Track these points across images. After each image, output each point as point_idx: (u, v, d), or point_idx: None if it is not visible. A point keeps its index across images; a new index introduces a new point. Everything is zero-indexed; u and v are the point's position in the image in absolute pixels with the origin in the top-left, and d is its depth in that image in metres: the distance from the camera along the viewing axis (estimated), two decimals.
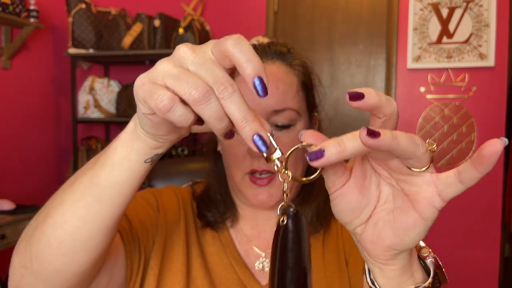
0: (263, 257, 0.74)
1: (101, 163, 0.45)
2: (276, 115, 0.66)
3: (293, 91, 0.68)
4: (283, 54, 0.71)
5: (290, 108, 0.67)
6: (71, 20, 2.62)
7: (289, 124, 0.67)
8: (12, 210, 2.17)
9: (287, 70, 0.70)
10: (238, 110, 0.37)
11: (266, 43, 0.73)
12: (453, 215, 2.47)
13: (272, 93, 0.65)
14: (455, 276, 2.47)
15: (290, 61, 0.71)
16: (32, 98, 2.78)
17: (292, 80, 0.69)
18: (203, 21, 2.72)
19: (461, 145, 2.43)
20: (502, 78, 2.36)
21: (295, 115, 0.68)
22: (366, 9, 2.58)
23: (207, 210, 0.76)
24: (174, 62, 0.38)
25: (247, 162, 0.67)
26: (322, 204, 0.75)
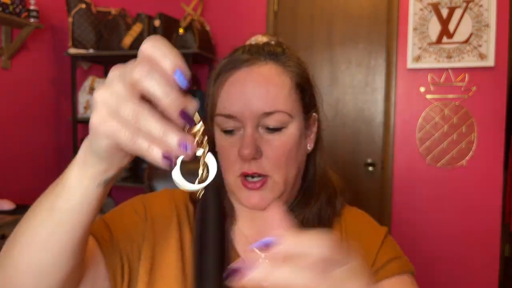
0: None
1: (58, 190, 0.47)
2: (267, 117, 0.65)
3: (285, 93, 0.67)
4: (277, 55, 0.70)
5: (281, 110, 0.65)
6: (71, 20, 2.63)
7: (281, 126, 0.66)
8: (12, 210, 2.17)
9: (279, 71, 0.68)
10: (159, 88, 0.38)
11: (261, 43, 0.72)
12: (453, 216, 2.47)
13: (262, 95, 0.65)
14: (455, 276, 2.47)
15: (284, 62, 0.69)
16: (32, 98, 2.78)
17: (285, 81, 0.67)
18: (203, 21, 2.72)
19: (461, 145, 2.43)
20: (502, 78, 2.36)
21: (287, 118, 0.66)
22: (366, 9, 2.58)
23: None
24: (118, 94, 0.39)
25: (238, 164, 0.67)
26: (324, 206, 0.74)
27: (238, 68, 0.67)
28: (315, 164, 0.75)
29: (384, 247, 0.74)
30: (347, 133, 2.63)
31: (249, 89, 0.65)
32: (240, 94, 0.65)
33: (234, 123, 0.66)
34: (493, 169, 2.40)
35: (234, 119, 0.66)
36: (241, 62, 0.67)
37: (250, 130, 0.65)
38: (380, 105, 2.59)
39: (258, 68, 0.67)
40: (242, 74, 0.66)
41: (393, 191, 2.55)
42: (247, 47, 0.71)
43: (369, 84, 2.60)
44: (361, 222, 0.78)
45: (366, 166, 2.61)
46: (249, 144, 0.64)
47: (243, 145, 0.64)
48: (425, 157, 2.49)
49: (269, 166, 0.66)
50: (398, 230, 2.56)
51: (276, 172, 0.66)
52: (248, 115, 0.65)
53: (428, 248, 2.51)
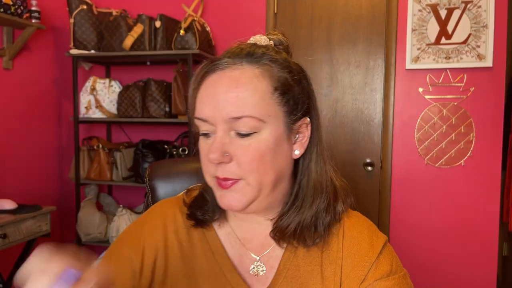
0: (258, 261, 0.74)
1: None
2: (236, 122, 0.64)
3: (257, 97, 0.65)
4: (256, 57, 0.68)
5: (249, 115, 0.64)
6: (73, 21, 2.64)
7: (251, 131, 0.65)
8: (13, 209, 2.18)
9: (255, 74, 0.66)
10: None
11: (243, 45, 0.70)
12: (452, 215, 2.48)
13: (231, 100, 0.64)
14: (454, 275, 2.49)
15: (263, 64, 0.67)
16: (34, 99, 2.79)
17: (258, 85, 0.65)
18: (204, 22, 2.73)
19: (459, 145, 2.44)
20: (500, 78, 2.37)
21: (256, 123, 0.65)
22: (365, 10, 2.60)
23: (198, 208, 0.76)
24: None
25: (212, 167, 0.67)
26: (321, 212, 0.73)
27: (213, 71, 0.67)
28: (308, 170, 0.73)
29: (378, 262, 0.72)
30: (346, 133, 2.64)
31: (219, 93, 0.65)
32: (211, 98, 0.66)
33: (209, 126, 0.67)
34: (491, 168, 2.42)
35: (208, 123, 0.66)
36: (217, 66, 0.67)
37: (220, 134, 0.66)
38: (379, 106, 2.60)
39: (231, 71, 0.66)
40: (215, 78, 0.66)
41: (392, 191, 2.57)
42: (232, 49, 0.70)
43: (368, 84, 2.62)
44: (359, 232, 0.76)
45: (365, 166, 2.62)
46: (216, 149, 0.65)
47: (210, 150, 0.65)
48: (424, 157, 2.50)
49: (239, 170, 0.66)
50: (396, 230, 2.57)
51: (248, 176, 0.66)
52: (218, 120, 0.65)
53: (427, 248, 2.53)
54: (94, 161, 2.79)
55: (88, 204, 2.79)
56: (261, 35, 0.74)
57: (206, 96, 0.67)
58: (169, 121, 2.63)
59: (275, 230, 0.73)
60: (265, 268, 0.74)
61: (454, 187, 2.47)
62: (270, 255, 0.75)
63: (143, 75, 2.93)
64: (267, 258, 0.75)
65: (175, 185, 1.02)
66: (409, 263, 2.53)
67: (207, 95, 0.66)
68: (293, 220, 0.72)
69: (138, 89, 2.69)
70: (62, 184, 3.04)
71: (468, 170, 2.44)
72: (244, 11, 2.76)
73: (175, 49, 2.57)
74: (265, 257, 0.75)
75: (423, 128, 2.50)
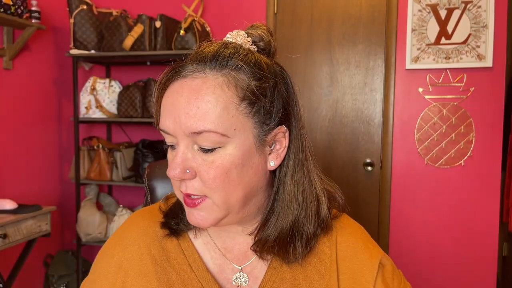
0: (240, 272, 0.71)
1: None
2: (197, 136, 0.59)
3: (219, 109, 0.58)
4: (222, 59, 0.61)
5: (210, 130, 0.58)
6: (73, 21, 2.64)
7: (214, 147, 0.59)
8: (14, 209, 2.18)
9: (218, 82, 0.59)
10: None
11: (205, 47, 0.64)
12: (452, 215, 2.48)
13: (190, 112, 0.58)
14: (454, 275, 2.49)
15: (229, 71, 0.60)
16: (34, 99, 2.79)
17: (221, 95, 0.59)
18: (204, 22, 2.73)
19: (459, 145, 2.44)
20: (500, 78, 2.37)
21: (219, 138, 0.59)
22: (365, 10, 2.60)
23: (172, 217, 0.72)
24: None
25: (177, 182, 0.64)
26: (301, 224, 0.68)
27: (175, 79, 0.62)
28: (283, 182, 0.68)
29: (381, 274, 0.70)
30: (346, 133, 2.64)
31: (179, 104, 0.59)
32: (172, 110, 0.60)
33: (172, 138, 0.62)
34: (491, 168, 2.41)
35: (170, 135, 0.62)
36: (179, 73, 0.61)
37: (182, 148, 0.61)
38: (379, 106, 2.60)
39: (192, 80, 0.60)
40: (176, 87, 0.61)
41: (392, 191, 2.57)
42: (197, 51, 0.64)
43: (368, 84, 2.62)
44: (354, 242, 0.73)
45: (365, 166, 2.62)
46: (176, 165, 0.60)
47: (170, 166, 0.61)
48: (423, 157, 2.50)
49: (203, 188, 0.61)
50: (396, 229, 2.57)
51: (213, 194, 0.61)
52: (179, 133, 0.60)
53: (427, 248, 2.53)
54: (94, 161, 2.79)
55: (88, 204, 2.80)
56: (239, 31, 0.67)
57: (167, 107, 0.61)
58: None
59: (255, 244, 0.69)
60: (248, 279, 0.70)
61: (454, 187, 2.47)
62: (254, 265, 0.71)
63: (143, 75, 2.93)
64: (250, 268, 0.71)
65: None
66: (408, 262, 2.53)
67: (168, 106, 0.61)
68: (270, 235, 0.67)
69: (138, 89, 2.69)
70: (62, 184, 3.05)
71: (468, 170, 2.44)
72: (244, 11, 2.76)
73: (175, 49, 2.57)
74: (248, 267, 0.71)
75: (423, 128, 2.50)
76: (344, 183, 2.62)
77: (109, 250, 0.74)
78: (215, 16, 2.82)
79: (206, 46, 0.64)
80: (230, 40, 0.66)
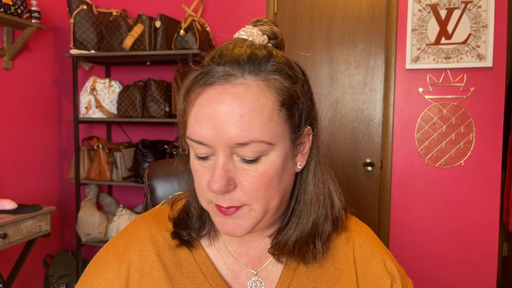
0: (255, 276, 0.69)
1: None
2: (241, 147, 0.55)
3: (265, 117, 0.55)
4: (259, 64, 0.57)
5: (257, 140, 0.55)
6: (73, 21, 2.64)
7: (258, 156, 0.56)
8: (13, 209, 2.18)
9: (260, 88, 0.56)
10: None
11: (242, 50, 0.58)
12: (452, 215, 2.48)
13: (236, 122, 0.54)
14: (454, 275, 2.49)
15: (268, 74, 0.57)
16: (34, 99, 2.79)
17: (265, 102, 0.55)
18: (204, 22, 2.73)
19: (459, 145, 2.44)
20: (500, 78, 2.37)
21: (265, 147, 0.56)
22: (365, 10, 2.59)
23: (183, 227, 0.69)
24: None
25: (211, 194, 0.59)
26: (321, 224, 0.68)
27: (209, 85, 0.56)
28: (305, 183, 0.67)
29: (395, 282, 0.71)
30: (346, 133, 2.64)
31: (220, 113, 0.54)
32: (211, 119, 0.55)
33: (207, 149, 0.57)
34: (491, 168, 2.41)
35: (205, 145, 0.57)
36: (214, 77, 0.56)
37: (222, 160, 0.56)
38: (379, 106, 2.60)
39: (233, 87, 0.55)
40: (213, 94, 0.55)
41: (392, 191, 2.57)
42: (223, 52, 0.58)
43: (368, 84, 2.62)
44: (372, 250, 0.73)
45: (365, 166, 2.62)
46: (219, 178, 0.56)
47: (212, 179, 0.56)
48: (424, 157, 2.50)
49: (244, 198, 0.58)
50: (396, 229, 2.57)
51: (254, 203, 0.59)
52: (219, 144, 0.55)
53: (427, 248, 2.53)
54: (94, 161, 2.79)
55: (88, 204, 2.80)
56: (252, 27, 0.62)
57: (204, 116, 0.56)
58: (169, 121, 2.63)
59: (274, 247, 0.68)
60: (263, 284, 0.69)
61: (454, 187, 2.47)
62: (269, 269, 0.70)
63: (143, 75, 2.93)
64: (265, 272, 0.70)
65: (175, 185, 1.02)
66: (409, 263, 2.53)
67: (206, 115, 0.55)
68: (291, 236, 0.66)
69: (138, 89, 2.69)
70: (62, 184, 3.05)
71: (468, 170, 2.44)
72: (244, 11, 2.76)
73: (175, 49, 2.57)
74: (263, 271, 0.70)
75: (423, 128, 2.50)
76: (344, 183, 2.61)
77: (115, 255, 0.69)
78: (215, 16, 2.82)
79: (234, 46, 0.59)
80: (244, 38, 0.61)
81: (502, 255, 2.87)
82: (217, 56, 0.58)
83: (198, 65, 0.60)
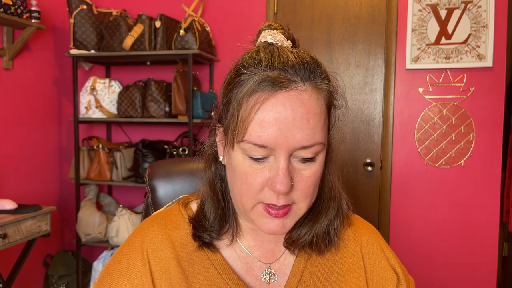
0: (268, 268, 0.72)
1: None
2: (304, 149, 0.60)
3: (322, 121, 0.61)
4: (312, 70, 0.61)
5: (319, 142, 0.60)
6: (73, 21, 2.64)
7: (314, 157, 0.61)
8: (13, 209, 2.18)
9: (316, 95, 0.60)
10: None
11: (292, 56, 0.61)
12: (452, 215, 2.48)
13: (302, 127, 0.58)
14: (454, 275, 2.49)
15: (319, 83, 0.62)
16: (34, 99, 2.79)
17: (322, 108, 0.61)
18: (204, 22, 2.73)
19: (459, 145, 2.44)
20: (500, 78, 2.37)
21: (321, 148, 0.62)
22: (365, 10, 2.60)
23: (202, 229, 0.71)
24: None
25: (264, 194, 0.62)
26: (333, 219, 0.72)
27: (275, 91, 0.58)
28: (324, 178, 0.70)
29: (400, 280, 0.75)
30: (346, 133, 2.64)
31: (289, 119, 0.57)
32: (279, 125, 0.58)
33: (265, 151, 0.60)
34: (491, 168, 2.42)
35: (266, 149, 0.59)
36: (278, 84, 0.58)
37: (285, 163, 0.59)
38: (379, 106, 2.60)
39: (299, 94, 0.59)
40: (280, 100, 0.58)
41: (392, 191, 2.57)
42: (273, 56, 0.61)
43: (368, 84, 2.62)
44: (379, 245, 0.78)
45: (365, 166, 2.62)
46: (285, 179, 0.59)
47: (278, 180, 0.59)
48: (424, 157, 2.50)
49: (297, 196, 0.62)
50: (396, 229, 2.57)
51: (302, 201, 0.63)
52: (284, 147, 0.59)
53: (427, 247, 2.53)
54: (94, 161, 2.79)
55: (88, 204, 2.79)
56: (277, 33, 0.66)
57: (271, 122, 0.58)
58: (169, 121, 2.63)
59: (290, 240, 0.71)
60: (277, 275, 0.72)
61: (454, 187, 2.47)
62: (282, 262, 0.73)
63: (143, 75, 2.93)
64: (278, 265, 0.73)
65: (175, 185, 1.02)
66: (409, 262, 2.53)
67: (273, 120, 0.58)
68: (310, 229, 0.70)
69: (138, 89, 2.69)
70: (62, 184, 3.04)
71: (468, 170, 2.44)
72: (244, 11, 2.76)
73: (175, 49, 2.57)
74: (276, 264, 0.73)
75: (423, 128, 2.50)
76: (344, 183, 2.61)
77: (131, 255, 0.71)
78: (215, 16, 2.82)
79: (278, 52, 0.62)
80: (272, 41, 0.65)
81: (502, 255, 2.87)
82: (267, 61, 0.60)
83: (240, 67, 0.62)
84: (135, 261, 0.70)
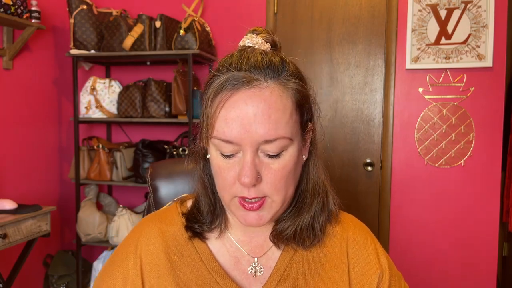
0: (255, 262, 0.75)
1: None
2: (267, 144, 0.63)
3: (287, 117, 0.63)
4: (277, 71, 0.64)
5: (282, 136, 0.63)
6: (73, 21, 2.64)
7: (280, 151, 0.64)
8: (13, 209, 2.18)
9: (280, 92, 0.64)
10: None
11: (257, 54, 0.65)
12: (452, 215, 2.48)
13: (264, 122, 0.61)
14: (454, 275, 2.49)
15: (285, 80, 0.65)
16: (34, 99, 2.79)
17: (286, 104, 0.64)
18: (204, 22, 2.73)
19: (459, 145, 2.44)
20: (500, 78, 2.38)
21: (287, 142, 0.64)
22: (365, 10, 2.60)
23: (195, 221, 0.76)
24: None
25: (236, 188, 0.65)
26: (318, 213, 0.75)
27: (237, 89, 0.62)
28: (308, 173, 0.74)
29: (384, 272, 0.77)
30: (346, 133, 2.64)
31: (250, 115, 0.61)
32: (240, 120, 0.62)
33: (233, 147, 0.64)
34: (491, 168, 2.42)
35: (233, 144, 0.63)
36: (241, 83, 0.62)
37: (250, 157, 0.63)
38: (379, 106, 2.60)
39: (260, 90, 0.62)
40: (242, 97, 0.62)
41: (392, 191, 2.57)
42: (242, 58, 0.65)
43: (368, 84, 2.62)
44: (365, 239, 0.79)
45: (365, 166, 2.62)
46: (250, 172, 0.62)
47: (243, 173, 0.63)
48: (423, 157, 2.51)
49: (268, 189, 0.65)
50: (396, 229, 2.57)
51: (275, 194, 0.66)
52: (248, 142, 0.62)
53: (427, 247, 2.53)
54: (94, 161, 2.79)
55: (88, 204, 2.79)
56: (255, 36, 0.69)
57: (233, 118, 0.62)
58: (169, 121, 2.63)
59: (274, 233, 0.74)
60: (263, 269, 0.74)
61: (454, 187, 2.47)
62: (269, 256, 0.76)
63: (143, 75, 2.93)
64: (265, 259, 0.75)
65: (177, 185, 1.02)
66: (409, 263, 2.53)
67: (236, 118, 0.62)
68: (292, 223, 0.73)
69: (138, 89, 2.69)
70: (62, 184, 3.04)
71: (468, 170, 2.45)
72: (244, 11, 2.76)
73: (175, 49, 2.57)
74: (264, 258, 0.75)
75: (423, 128, 2.50)
76: (344, 183, 2.62)
77: (126, 249, 0.77)
78: (215, 16, 2.82)
79: (249, 54, 0.66)
80: (250, 45, 0.68)
81: (502, 255, 2.87)
82: (236, 63, 0.64)
83: (214, 71, 0.67)
84: (129, 254, 0.75)
